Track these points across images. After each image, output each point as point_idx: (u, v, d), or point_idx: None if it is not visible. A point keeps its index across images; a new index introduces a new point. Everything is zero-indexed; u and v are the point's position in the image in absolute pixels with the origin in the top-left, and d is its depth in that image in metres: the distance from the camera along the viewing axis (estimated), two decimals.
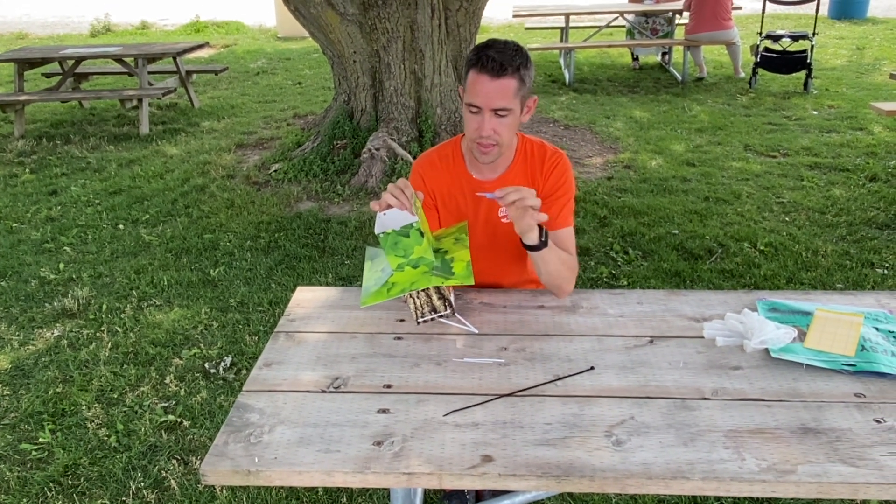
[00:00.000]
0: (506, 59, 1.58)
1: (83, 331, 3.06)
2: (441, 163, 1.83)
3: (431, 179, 1.82)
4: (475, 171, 1.81)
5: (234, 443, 1.25)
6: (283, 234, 3.95)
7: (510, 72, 1.59)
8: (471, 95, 1.63)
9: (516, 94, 1.62)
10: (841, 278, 3.31)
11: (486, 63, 1.58)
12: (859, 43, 9.00)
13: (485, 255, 1.87)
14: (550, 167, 1.79)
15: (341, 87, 5.29)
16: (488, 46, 1.61)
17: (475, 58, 1.61)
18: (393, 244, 1.49)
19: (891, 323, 1.54)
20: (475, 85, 1.61)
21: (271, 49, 10.17)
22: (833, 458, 1.17)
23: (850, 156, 4.99)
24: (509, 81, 1.60)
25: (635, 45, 7.93)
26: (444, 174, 1.82)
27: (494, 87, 1.59)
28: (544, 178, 1.79)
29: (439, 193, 1.83)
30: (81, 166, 5.29)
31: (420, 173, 1.83)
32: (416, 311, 1.54)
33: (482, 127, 1.63)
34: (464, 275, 1.48)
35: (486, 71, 1.58)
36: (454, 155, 1.83)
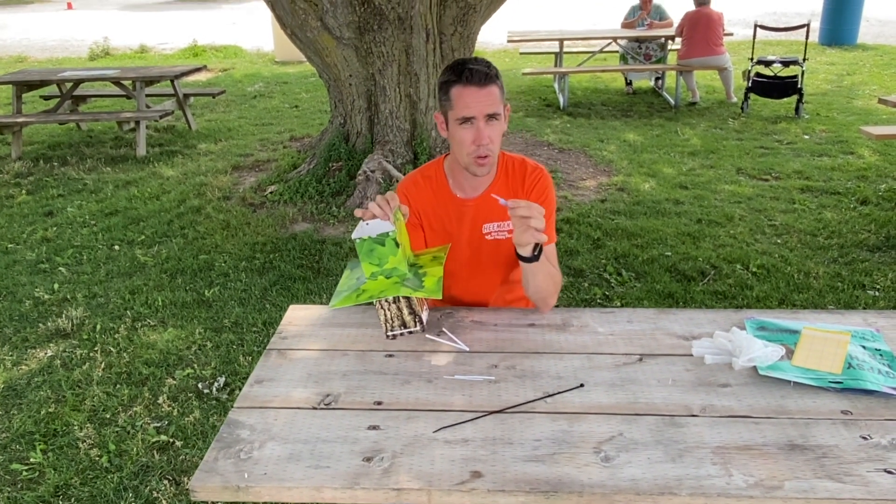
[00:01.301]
0: (485, 68, 1.67)
1: (77, 351, 3.06)
2: (425, 182, 1.86)
3: (416, 199, 1.85)
4: (458, 189, 1.84)
5: (225, 459, 1.26)
6: (278, 255, 3.97)
7: (492, 79, 1.67)
8: (460, 109, 1.67)
9: (500, 100, 1.70)
10: (833, 300, 3.33)
11: (471, 76, 1.65)
12: (849, 69, 9.13)
13: (469, 273, 1.89)
14: (532, 183, 1.83)
15: (337, 109, 5.35)
16: (463, 63, 1.68)
17: (454, 76, 1.67)
18: (368, 251, 1.51)
19: (877, 341, 1.56)
20: (464, 98, 1.66)
21: (268, 73, 10.27)
22: (820, 475, 1.17)
23: (841, 179, 5.04)
24: (493, 88, 1.67)
25: (628, 70, 8.04)
26: (428, 194, 1.85)
27: (484, 94, 1.65)
28: (526, 194, 1.82)
29: (424, 213, 1.86)
30: (78, 187, 5.31)
31: (405, 193, 1.85)
32: (385, 324, 1.58)
33: (480, 136, 1.67)
34: (433, 289, 1.51)
35: (473, 83, 1.65)
36: (437, 175, 1.86)
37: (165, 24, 17.12)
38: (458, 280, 1.93)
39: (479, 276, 1.91)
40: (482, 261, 1.88)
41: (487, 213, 1.84)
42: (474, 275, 1.90)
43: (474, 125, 1.67)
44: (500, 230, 1.85)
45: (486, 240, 1.84)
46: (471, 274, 1.90)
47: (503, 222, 1.84)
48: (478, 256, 1.87)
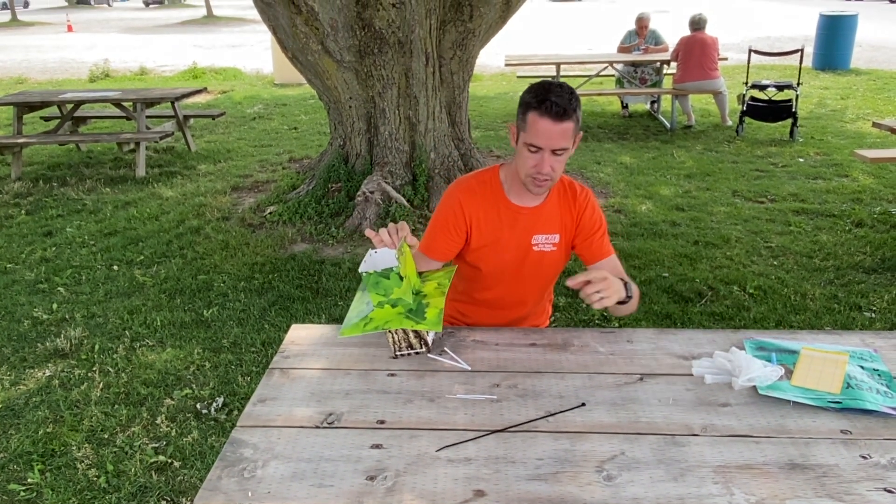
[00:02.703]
0: (566, 103, 1.67)
1: (75, 371, 3.05)
2: (479, 187, 1.90)
3: (469, 204, 1.88)
4: (515, 197, 1.88)
5: (228, 477, 1.26)
6: (277, 276, 3.98)
7: (570, 114, 1.68)
8: (532, 137, 1.70)
9: (573, 134, 1.72)
10: (829, 321, 3.35)
11: (550, 108, 1.66)
12: (843, 93, 9.25)
13: (510, 278, 1.95)
14: (583, 203, 1.91)
15: (337, 131, 5.39)
16: (548, 90, 1.69)
17: (536, 101, 1.68)
18: (374, 283, 1.58)
19: (875, 361, 1.57)
20: (536, 126, 1.68)
21: (268, 95, 10.35)
22: (820, 493, 1.18)
23: (836, 202, 5.08)
24: (569, 124, 1.69)
25: (625, 94, 8.13)
26: (481, 199, 1.89)
27: (557, 130, 1.68)
28: (579, 214, 1.90)
29: (475, 217, 1.89)
30: (77, 208, 5.32)
31: (459, 198, 1.88)
32: (393, 346, 1.65)
33: (541, 165, 1.72)
34: (434, 321, 1.57)
35: (549, 115, 1.66)
36: (492, 181, 1.90)
37: (165, 47, 17.27)
38: (500, 283, 1.97)
39: (520, 283, 1.96)
40: (525, 269, 1.93)
41: (540, 224, 1.90)
42: (514, 281, 1.96)
43: (540, 153, 1.71)
44: (546, 242, 1.91)
45: (533, 250, 1.90)
46: (511, 279, 1.95)
47: (551, 235, 1.90)
48: (522, 264, 1.92)
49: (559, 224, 1.90)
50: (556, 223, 1.90)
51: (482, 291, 2.00)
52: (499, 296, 1.99)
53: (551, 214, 1.89)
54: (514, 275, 1.94)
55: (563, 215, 1.90)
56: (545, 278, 1.99)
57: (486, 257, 1.93)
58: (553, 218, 1.90)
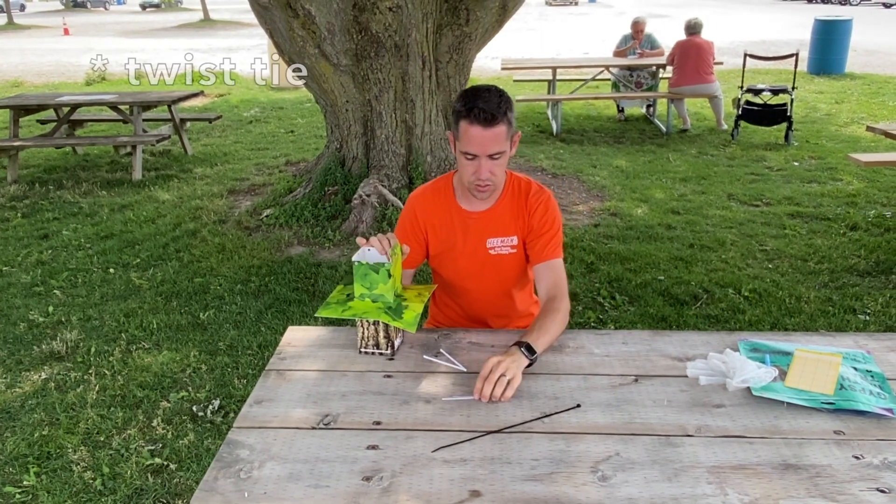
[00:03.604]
0: (493, 108, 1.68)
1: (71, 373, 3.05)
2: (433, 195, 1.94)
3: (423, 211, 1.94)
4: (465, 202, 1.91)
5: (224, 478, 1.26)
6: (274, 279, 3.98)
7: (500, 119, 1.69)
8: (465, 145, 1.73)
9: (507, 138, 1.73)
10: (824, 324, 3.36)
11: (479, 115, 1.67)
12: (837, 97, 9.29)
13: (472, 285, 1.96)
14: (534, 204, 1.88)
15: (333, 134, 5.40)
16: (475, 97, 1.70)
17: (465, 110, 1.70)
18: (363, 275, 1.64)
19: (868, 363, 1.58)
20: (468, 135, 1.71)
21: (265, 98, 10.36)
22: (813, 494, 1.19)
23: (831, 205, 5.11)
24: (500, 128, 1.70)
25: (620, 98, 8.15)
26: (435, 206, 1.93)
27: (488, 136, 1.69)
28: (529, 215, 1.88)
29: (430, 224, 1.94)
30: (73, 211, 5.32)
31: (414, 206, 1.95)
32: (360, 340, 1.68)
33: (480, 171, 1.74)
34: (410, 322, 1.62)
35: (479, 122, 1.68)
36: (446, 188, 1.94)
37: (162, 51, 17.26)
38: (462, 292, 1.99)
39: (483, 288, 1.96)
40: (485, 274, 1.93)
41: (492, 227, 1.90)
42: (478, 287, 1.96)
43: (476, 160, 1.74)
44: (503, 245, 1.90)
45: (490, 254, 1.90)
46: (474, 286, 1.96)
47: (507, 237, 1.90)
48: (481, 270, 1.93)
49: (514, 226, 1.90)
50: (510, 225, 1.90)
51: (453, 297, 2.04)
52: (466, 301, 2.01)
53: (503, 217, 1.90)
54: (476, 279, 1.95)
55: (516, 217, 1.90)
56: (508, 281, 1.98)
57: (444, 264, 1.97)
58: (506, 220, 1.90)
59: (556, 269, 1.86)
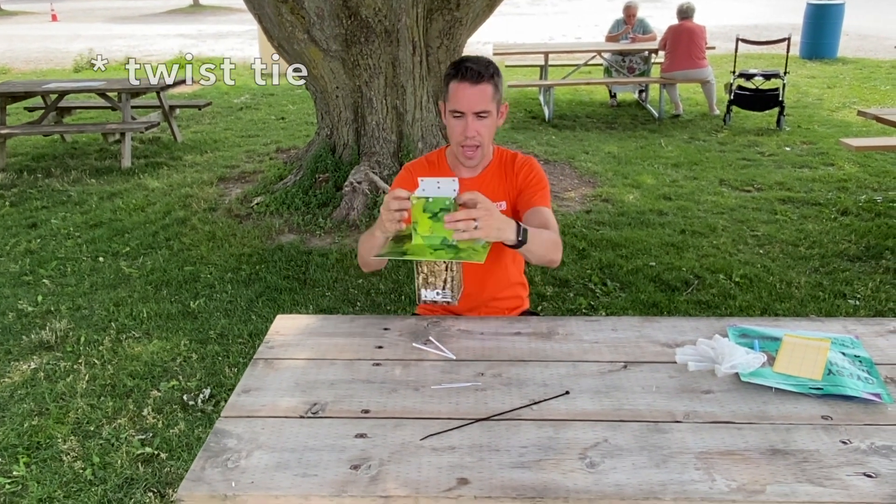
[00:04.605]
0: (482, 68, 1.81)
1: (60, 363, 3.03)
2: (428, 165, 2.04)
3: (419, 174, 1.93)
4: (457, 171, 2.00)
5: (212, 468, 1.25)
6: (265, 267, 3.96)
7: (486, 78, 1.81)
8: (454, 103, 1.83)
9: (493, 99, 1.84)
10: (814, 309, 3.37)
11: (466, 73, 1.80)
12: (829, 82, 9.28)
13: None
14: (520, 166, 1.99)
15: (324, 121, 5.36)
16: (464, 60, 1.84)
17: (454, 71, 1.83)
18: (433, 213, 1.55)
19: (857, 348, 1.59)
20: (457, 93, 1.82)
21: (255, 85, 10.27)
22: (801, 479, 1.19)
23: (822, 190, 5.11)
24: (486, 87, 1.81)
25: (613, 83, 8.12)
26: (428, 173, 2.00)
27: (475, 92, 1.80)
28: (515, 176, 1.98)
29: None
30: (62, 199, 5.28)
31: (409, 169, 2.03)
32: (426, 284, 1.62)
33: (467, 128, 1.83)
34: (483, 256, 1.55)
35: (466, 79, 1.80)
36: (439, 160, 2.05)
37: (151, 36, 17.09)
38: None
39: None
40: None
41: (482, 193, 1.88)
42: None
43: (464, 118, 1.83)
44: None
45: None
46: None
47: (496, 202, 1.88)
48: None
49: (503, 192, 1.98)
50: (499, 191, 1.98)
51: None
52: None
53: (492, 183, 1.98)
54: None
55: (504, 182, 1.98)
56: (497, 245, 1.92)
57: None
58: (495, 186, 1.98)
59: (544, 213, 1.91)
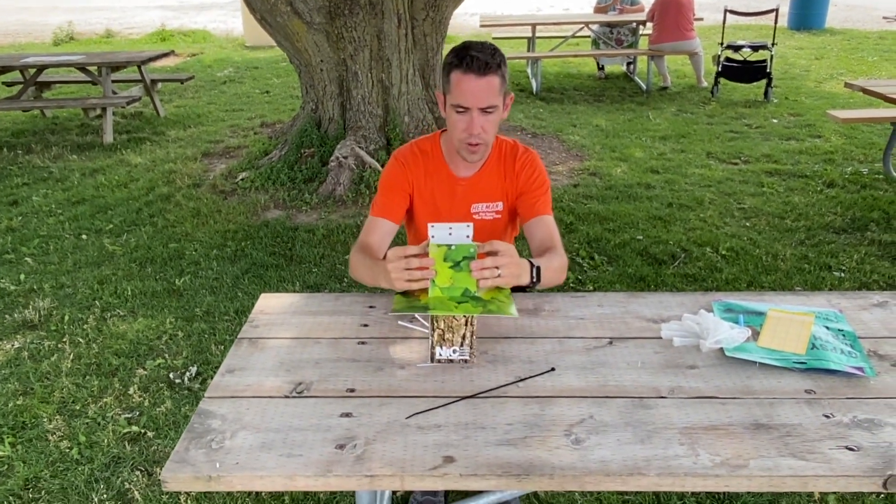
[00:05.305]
0: (488, 57, 1.63)
1: (44, 342, 3.01)
2: (422, 156, 1.87)
3: (412, 170, 1.86)
4: (454, 166, 1.86)
5: (196, 449, 1.25)
6: (250, 243, 3.93)
7: (493, 69, 1.64)
8: (457, 97, 1.67)
9: (500, 91, 1.68)
10: (799, 281, 3.40)
11: (471, 63, 1.62)
12: (817, 53, 9.26)
13: None
14: (521, 166, 1.86)
15: (308, 95, 5.29)
16: (468, 48, 1.66)
17: (457, 59, 1.65)
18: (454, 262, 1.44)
19: (840, 322, 1.59)
20: (460, 86, 1.65)
21: (238, 58, 10.11)
22: (784, 453, 1.20)
23: (809, 162, 5.12)
24: (493, 79, 1.64)
25: (600, 55, 8.06)
26: (422, 167, 1.87)
27: (481, 85, 1.63)
28: (515, 176, 1.86)
29: (417, 185, 1.87)
30: (43, 176, 5.19)
31: (402, 161, 1.86)
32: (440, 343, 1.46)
33: (472, 126, 1.68)
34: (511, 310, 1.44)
35: (472, 70, 1.62)
36: (433, 150, 1.87)
37: (131, 9, 16.74)
38: None
39: None
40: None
41: (479, 193, 1.87)
42: None
43: (468, 114, 1.67)
44: (488, 210, 1.88)
45: (474, 219, 1.87)
46: None
47: (491, 203, 1.88)
48: None
49: (500, 191, 1.88)
50: (497, 191, 1.88)
51: None
52: None
53: (490, 182, 1.87)
54: None
55: (504, 181, 1.87)
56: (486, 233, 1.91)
57: (424, 227, 1.90)
58: (493, 186, 1.87)
59: (547, 224, 1.83)
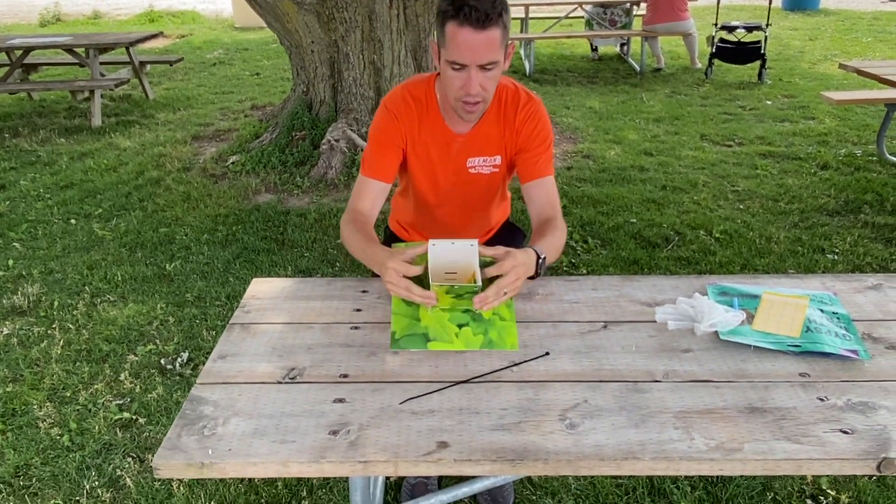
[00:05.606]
0: (487, 7, 1.43)
1: (34, 328, 2.98)
2: (415, 106, 1.68)
3: (405, 121, 1.69)
4: (449, 120, 1.70)
5: (188, 435, 1.23)
6: (241, 227, 3.90)
7: (493, 20, 1.45)
8: (453, 52, 1.48)
9: (501, 44, 1.50)
10: (793, 264, 3.40)
11: (469, 14, 1.43)
12: (811, 34, 9.23)
13: (450, 203, 1.85)
14: (523, 119, 1.71)
15: (299, 77, 5.23)
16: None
17: (453, 9, 1.45)
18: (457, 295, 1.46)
19: (835, 305, 1.59)
20: (457, 39, 1.46)
21: (228, 39, 10.00)
22: (778, 436, 1.20)
23: (803, 144, 5.12)
24: (493, 32, 1.46)
25: (594, 36, 8.01)
26: (416, 118, 1.69)
27: (480, 40, 1.45)
28: (517, 130, 1.71)
29: (410, 136, 1.71)
30: (31, 160, 5.13)
31: (394, 112, 1.68)
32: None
33: (469, 85, 1.52)
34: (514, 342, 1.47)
35: (469, 23, 1.43)
36: (427, 98, 1.69)
37: None
38: (436, 208, 1.87)
39: (458, 206, 1.85)
40: (462, 193, 1.81)
41: (475, 148, 1.74)
42: (452, 203, 1.84)
43: (465, 72, 1.50)
44: (484, 164, 1.76)
45: (470, 174, 1.77)
46: (450, 203, 1.84)
47: (489, 157, 1.75)
48: (458, 188, 1.80)
49: (499, 145, 1.73)
50: (495, 144, 1.73)
51: (420, 212, 1.90)
52: (437, 215, 1.88)
53: (489, 135, 1.72)
54: (453, 197, 1.82)
55: (503, 134, 1.72)
56: (483, 198, 1.86)
57: (418, 181, 1.80)
58: (492, 139, 1.73)
59: (547, 188, 1.71)
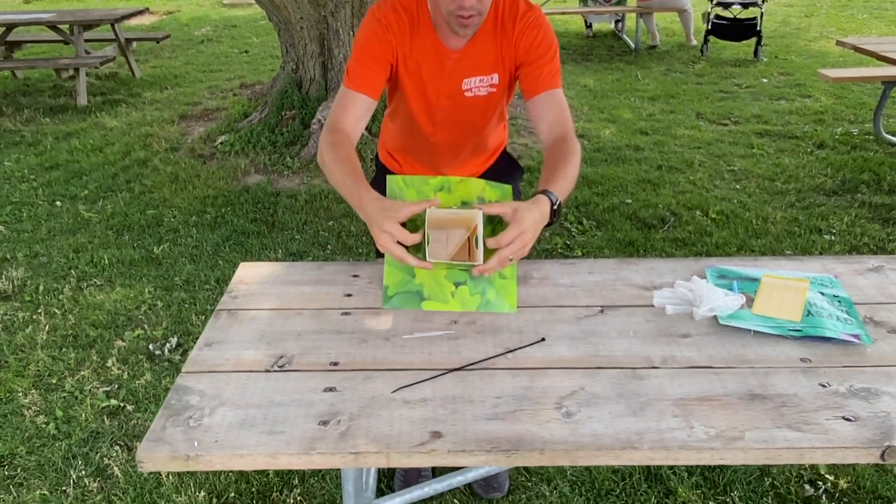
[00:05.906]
0: None
1: (18, 314, 2.93)
2: (406, 16, 1.55)
3: (396, 32, 1.54)
4: (441, 33, 1.57)
5: (173, 427, 1.20)
6: (231, 209, 3.85)
7: None
8: None
9: None
10: (790, 245, 3.37)
11: None
12: (807, 10, 9.16)
13: (445, 127, 1.74)
14: (522, 29, 1.56)
15: (289, 55, 5.14)
16: None
17: None
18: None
19: (836, 287, 1.56)
20: None
21: (216, 16, 9.85)
22: (779, 424, 1.17)
23: (799, 123, 5.08)
24: None
25: (588, 13, 7.91)
26: (408, 31, 1.56)
27: None
28: (515, 43, 1.58)
29: (402, 54, 1.58)
30: (15, 140, 5.05)
31: (384, 24, 1.54)
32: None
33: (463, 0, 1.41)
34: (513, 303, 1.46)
35: None
36: (419, 9, 1.56)
37: None
38: (430, 133, 1.76)
39: (453, 129, 1.74)
40: (458, 116, 1.70)
41: (470, 67, 1.62)
42: (449, 129, 1.74)
43: None
44: (481, 85, 1.64)
45: (466, 96, 1.66)
46: (445, 128, 1.74)
47: (486, 76, 1.63)
48: (454, 111, 1.69)
49: (496, 61, 1.60)
50: (492, 61, 1.60)
51: (412, 137, 1.79)
52: (429, 143, 1.77)
53: (486, 51, 1.59)
54: (449, 121, 1.71)
55: (500, 49, 1.58)
56: (480, 122, 1.74)
57: (407, 101, 1.68)
58: (488, 56, 1.60)
59: (557, 101, 1.58)
